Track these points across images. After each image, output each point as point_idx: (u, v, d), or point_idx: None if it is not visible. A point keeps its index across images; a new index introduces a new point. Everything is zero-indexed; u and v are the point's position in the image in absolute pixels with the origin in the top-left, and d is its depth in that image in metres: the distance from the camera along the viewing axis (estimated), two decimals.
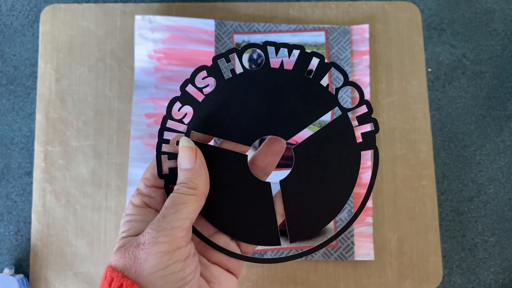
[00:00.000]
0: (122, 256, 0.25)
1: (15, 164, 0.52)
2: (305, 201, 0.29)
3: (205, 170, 0.27)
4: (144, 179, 0.29)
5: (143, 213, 0.27)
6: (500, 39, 0.56)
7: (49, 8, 0.54)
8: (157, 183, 0.29)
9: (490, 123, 0.54)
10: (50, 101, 0.52)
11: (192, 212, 0.26)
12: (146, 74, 0.52)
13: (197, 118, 0.28)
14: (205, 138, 0.30)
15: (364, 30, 0.53)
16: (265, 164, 0.31)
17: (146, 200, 0.28)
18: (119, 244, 0.27)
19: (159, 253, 0.25)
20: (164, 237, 0.25)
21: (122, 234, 0.27)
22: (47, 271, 0.49)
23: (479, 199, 0.53)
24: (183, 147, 0.27)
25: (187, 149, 0.27)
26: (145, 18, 0.52)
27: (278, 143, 0.31)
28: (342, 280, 0.49)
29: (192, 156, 0.27)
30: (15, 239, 0.51)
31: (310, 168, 0.28)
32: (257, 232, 0.29)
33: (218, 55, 0.28)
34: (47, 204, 0.50)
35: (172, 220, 0.25)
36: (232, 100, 0.28)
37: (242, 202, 0.29)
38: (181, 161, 0.27)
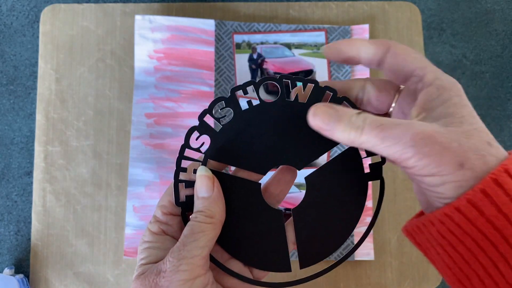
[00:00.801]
0: (143, 283, 0.26)
1: (15, 164, 0.52)
2: (315, 229, 0.30)
3: (222, 199, 0.28)
4: (162, 207, 0.29)
5: (161, 240, 0.28)
6: (500, 39, 0.56)
7: (49, 8, 0.54)
8: (174, 211, 0.29)
9: (490, 123, 0.54)
10: (50, 101, 0.52)
11: (210, 240, 0.27)
12: (146, 74, 0.52)
13: (214, 147, 0.29)
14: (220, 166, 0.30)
15: (364, 30, 0.53)
16: (277, 191, 0.32)
17: (164, 228, 0.29)
18: (138, 271, 0.27)
19: (181, 281, 0.25)
20: (185, 265, 0.25)
21: (141, 261, 0.27)
22: (47, 271, 0.49)
23: None
24: (201, 176, 0.28)
25: (205, 178, 0.28)
26: (145, 18, 0.52)
27: (291, 172, 0.32)
28: (342, 280, 0.49)
29: (209, 185, 0.27)
30: (15, 239, 0.51)
31: (321, 197, 0.29)
32: (269, 259, 0.30)
33: (235, 87, 0.29)
34: (47, 204, 0.50)
35: (192, 249, 0.26)
36: (248, 130, 0.29)
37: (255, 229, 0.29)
38: (199, 189, 0.28)
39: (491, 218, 0.22)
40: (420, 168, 0.22)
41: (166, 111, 0.51)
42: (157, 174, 0.50)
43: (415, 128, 0.22)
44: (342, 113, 0.24)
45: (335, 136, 0.25)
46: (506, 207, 0.21)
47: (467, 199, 0.22)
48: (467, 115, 0.23)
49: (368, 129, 0.23)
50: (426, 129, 0.22)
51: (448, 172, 0.22)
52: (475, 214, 0.22)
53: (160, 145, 0.51)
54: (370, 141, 0.23)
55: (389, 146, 0.23)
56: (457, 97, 0.24)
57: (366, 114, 0.24)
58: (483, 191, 0.21)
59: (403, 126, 0.23)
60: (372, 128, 0.23)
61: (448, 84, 0.24)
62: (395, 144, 0.22)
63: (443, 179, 0.22)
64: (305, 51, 0.53)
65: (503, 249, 0.22)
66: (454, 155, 0.22)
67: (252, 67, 0.52)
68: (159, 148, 0.51)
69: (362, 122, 0.24)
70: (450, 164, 0.22)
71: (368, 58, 0.27)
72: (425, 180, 0.23)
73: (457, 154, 0.22)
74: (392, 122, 0.23)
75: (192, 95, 0.52)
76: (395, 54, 0.25)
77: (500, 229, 0.22)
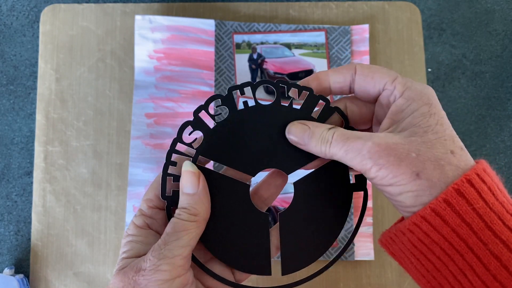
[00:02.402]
0: (122, 280, 0.25)
1: (15, 164, 0.52)
2: (300, 236, 0.30)
3: (207, 196, 0.27)
4: (147, 200, 0.29)
5: (144, 234, 0.27)
6: (500, 39, 0.56)
7: (49, 8, 0.54)
8: (160, 205, 0.29)
9: (490, 123, 0.54)
10: (50, 101, 0.52)
11: (192, 239, 0.26)
12: (146, 74, 0.52)
13: (207, 143, 0.29)
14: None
15: (364, 30, 0.53)
16: (267, 195, 0.32)
17: (148, 222, 0.28)
18: (119, 265, 0.27)
19: (159, 281, 0.25)
20: (165, 265, 0.25)
21: (123, 255, 0.27)
22: (47, 271, 0.49)
23: None
24: (186, 171, 0.27)
25: (190, 174, 0.27)
26: (145, 18, 0.52)
27: (281, 177, 0.32)
28: (342, 280, 0.49)
29: (195, 182, 0.27)
30: (15, 239, 0.51)
31: (308, 204, 0.30)
32: (251, 261, 0.30)
33: (233, 86, 0.29)
34: (47, 204, 0.50)
35: (174, 248, 0.25)
36: (241, 130, 0.29)
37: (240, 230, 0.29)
38: (184, 185, 0.27)
39: (455, 228, 0.22)
40: (380, 178, 0.24)
41: (166, 111, 0.51)
42: (157, 174, 0.50)
43: (372, 140, 0.24)
44: (314, 129, 0.26)
45: (310, 150, 0.27)
46: (469, 216, 0.22)
47: (431, 208, 0.23)
48: (433, 125, 0.24)
49: (334, 143, 0.25)
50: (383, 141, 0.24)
51: (405, 182, 0.23)
52: (440, 223, 0.23)
53: (160, 145, 0.51)
54: (337, 153, 0.25)
55: (352, 158, 0.24)
56: (426, 106, 0.24)
57: (336, 128, 0.26)
58: (446, 201, 0.22)
59: (362, 139, 0.24)
60: (338, 142, 0.25)
61: (417, 94, 0.25)
62: (356, 156, 0.24)
63: (401, 188, 0.23)
64: (305, 51, 0.53)
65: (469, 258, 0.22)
66: (411, 166, 0.23)
67: (252, 67, 0.52)
68: (159, 148, 0.51)
69: (330, 137, 0.25)
70: (406, 174, 0.23)
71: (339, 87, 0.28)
72: (386, 189, 0.24)
73: (413, 164, 0.23)
74: (356, 135, 0.25)
75: (192, 95, 0.52)
76: (362, 75, 0.27)
77: (465, 238, 0.22)
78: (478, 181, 0.22)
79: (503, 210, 0.23)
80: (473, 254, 0.22)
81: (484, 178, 0.23)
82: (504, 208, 0.23)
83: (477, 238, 0.22)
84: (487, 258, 0.22)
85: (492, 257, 0.22)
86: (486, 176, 0.23)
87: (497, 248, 0.22)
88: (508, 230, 0.22)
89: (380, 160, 0.23)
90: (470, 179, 0.22)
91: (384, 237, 0.27)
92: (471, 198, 0.22)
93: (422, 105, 0.24)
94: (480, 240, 0.22)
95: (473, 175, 0.23)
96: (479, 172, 0.23)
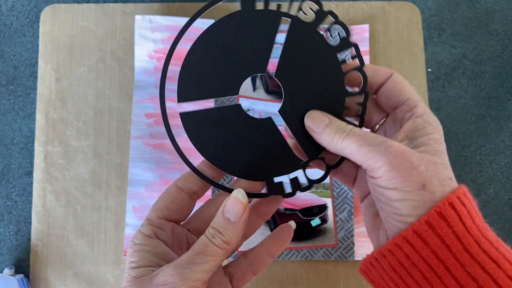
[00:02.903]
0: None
1: (15, 164, 0.52)
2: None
3: (243, 231, 0.27)
4: (156, 210, 0.29)
5: (152, 244, 0.27)
6: (500, 39, 0.56)
7: (49, 8, 0.54)
8: (168, 216, 0.29)
9: (490, 123, 0.54)
10: (50, 101, 0.52)
11: (216, 266, 0.26)
12: (146, 74, 0.52)
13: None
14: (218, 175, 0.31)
15: (364, 30, 0.53)
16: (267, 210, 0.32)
17: (156, 231, 0.28)
18: (132, 274, 0.26)
19: None
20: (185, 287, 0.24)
21: (132, 264, 0.27)
22: (47, 271, 0.49)
23: (479, 199, 0.53)
24: (236, 198, 0.27)
25: (239, 203, 0.27)
26: (145, 18, 0.52)
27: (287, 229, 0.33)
28: (342, 280, 0.49)
29: (240, 211, 0.27)
30: (15, 239, 0.51)
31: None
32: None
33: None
34: (47, 204, 0.50)
35: (198, 271, 0.25)
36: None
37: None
38: (227, 209, 0.27)
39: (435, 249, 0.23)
40: (386, 179, 0.24)
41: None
42: (157, 174, 0.50)
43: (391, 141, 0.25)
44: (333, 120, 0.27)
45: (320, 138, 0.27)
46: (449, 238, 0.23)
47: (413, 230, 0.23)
48: (440, 152, 0.25)
49: (351, 134, 0.26)
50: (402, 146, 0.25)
51: (410, 189, 0.24)
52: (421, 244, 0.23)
53: (160, 145, 0.51)
54: (350, 146, 0.26)
55: (365, 152, 0.25)
56: (438, 134, 0.26)
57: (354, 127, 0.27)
58: (427, 223, 0.23)
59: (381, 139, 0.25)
60: (355, 135, 0.26)
61: (433, 121, 0.26)
62: (371, 151, 0.25)
63: (404, 195, 0.24)
64: None
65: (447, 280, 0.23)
66: (420, 176, 0.24)
67: None
68: (159, 148, 0.51)
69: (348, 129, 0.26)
70: (414, 182, 0.24)
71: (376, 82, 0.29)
72: (387, 193, 0.24)
73: (422, 175, 0.24)
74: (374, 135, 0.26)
75: None
76: (396, 81, 0.28)
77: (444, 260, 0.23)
78: (459, 204, 0.23)
79: (479, 233, 0.24)
80: (451, 275, 0.23)
81: (464, 201, 0.24)
82: (480, 231, 0.24)
83: (455, 260, 0.23)
84: (465, 280, 0.23)
85: (470, 279, 0.23)
86: (466, 200, 0.24)
87: (474, 270, 0.23)
88: (483, 252, 0.23)
89: (394, 160, 0.24)
90: (452, 202, 0.23)
91: (364, 263, 0.28)
92: (452, 221, 0.23)
93: (436, 131, 0.26)
94: (458, 262, 0.23)
95: (454, 198, 0.23)
96: (460, 196, 0.24)
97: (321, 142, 0.28)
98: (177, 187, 0.30)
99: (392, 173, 0.24)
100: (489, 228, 0.25)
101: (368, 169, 0.25)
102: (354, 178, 0.31)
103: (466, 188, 0.25)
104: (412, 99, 0.27)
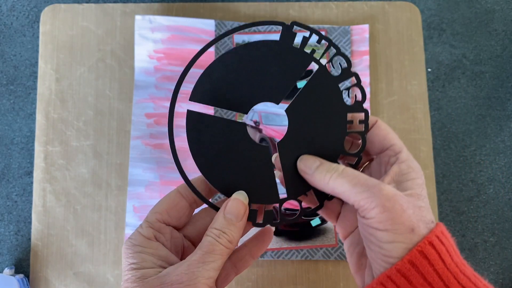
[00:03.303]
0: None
1: (16, 164, 0.52)
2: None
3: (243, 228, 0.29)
4: (156, 214, 0.30)
5: (154, 246, 0.28)
6: (500, 39, 0.56)
7: (49, 8, 0.54)
8: (168, 220, 0.30)
9: (490, 123, 0.54)
10: (50, 101, 0.52)
11: (223, 263, 0.27)
12: (146, 74, 0.52)
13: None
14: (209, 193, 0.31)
15: (364, 30, 0.53)
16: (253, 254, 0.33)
17: (156, 234, 0.29)
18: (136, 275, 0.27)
19: None
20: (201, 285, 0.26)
21: (134, 266, 0.27)
22: (47, 271, 0.49)
23: (479, 199, 0.53)
24: (237, 199, 0.29)
25: (241, 204, 0.28)
26: (145, 18, 0.52)
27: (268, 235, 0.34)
28: (342, 280, 0.49)
29: (241, 212, 0.28)
30: (15, 239, 0.51)
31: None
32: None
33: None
34: (47, 204, 0.50)
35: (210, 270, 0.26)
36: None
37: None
38: (229, 209, 0.28)
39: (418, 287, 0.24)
40: (378, 221, 0.25)
41: (166, 111, 0.51)
42: (157, 174, 0.50)
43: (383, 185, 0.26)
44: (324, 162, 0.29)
45: (313, 178, 0.28)
46: (430, 276, 0.24)
47: (397, 269, 0.24)
48: (423, 196, 0.27)
49: (344, 174, 0.27)
50: (393, 190, 0.26)
51: (401, 232, 0.25)
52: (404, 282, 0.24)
53: (160, 145, 0.51)
54: (343, 184, 0.26)
55: (358, 192, 0.26)
56: (420, 179, 0.28)
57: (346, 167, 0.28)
58: (410, 262, 0.24)
59: (374, 181, 0.26)
60: (348, 174, 0.27)
61: (416, 167, 0.28)
62: (364, 192, 0.25)
63: (395, 237, 0.25)
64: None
65: None
66: (409, 220, 0.25)
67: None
68: (159, 148, 0.51)
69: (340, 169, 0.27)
70: (404, 226, 0.25)
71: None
72: (378, 234, 0.25)
73: (410, 219, 0.25)
74: (367, 177, 0.27)
75: None
76: (380, 128, 0.30)
77: None
78: (438, 243, 0.25)
79: (458, 269, 0.25)
80: None
81: (443, 240, 0.25)
82: (458, 268, 0.25)
83: None
84: None
85: None
86: (444, 238, 0.25)
87: None
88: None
89: (387, 203, 0.25)
90: (432, 241, 0.25)
91: None
92: (432, 259, 0.24)
93: (419, 177, 0.28)
94: None
95: (433, 237, 0.25)
96: (438, 235, 0.25)
97: (313, 182, 0.29)
98: (178, 193, 0.31)
99: (385, 215, 0.25)
100: (467, 264, 0.26)
101: (360, 209, 0.26)
102: (337, 215, 0.32)
103: (444, 226, 0.26)
104: (396, 144, 0.29)
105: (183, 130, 0.31)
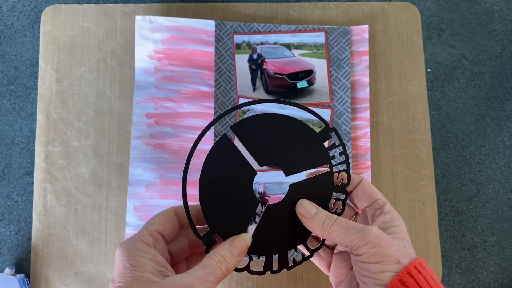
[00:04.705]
0: None
1: (16, 164, 0.52)
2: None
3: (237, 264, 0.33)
4: (154, 225, 0.33)
5: (153, 252, 0.31)
6: (499, 40, 0.56)
7: (50, 8, 0.54)
8: (164, 234, 0.33)
9: (489, 123, 0.55)
10: (50, 101, 0.52)
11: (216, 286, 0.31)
12: (147, 74, 0.52)
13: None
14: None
15: (364, 30, 0.54)
16: None
17: (154, 243, 0.32)
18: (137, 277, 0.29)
19: None
20: None
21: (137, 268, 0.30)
22: (48, 270, 0.49)
23: (479, 199, 0.53)
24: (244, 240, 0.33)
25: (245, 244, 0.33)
26: (145, 18, 0.53)
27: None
28: None
29: (244, 251, 0.33)
30: (16, 239, 0.51)
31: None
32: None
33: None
34: (47, 204, 0.50)
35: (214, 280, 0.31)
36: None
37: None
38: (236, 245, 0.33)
39: None
40: (369, 255, 0.30)
41: (166, 111, 0.52)
42: (157, 174, 0.51)
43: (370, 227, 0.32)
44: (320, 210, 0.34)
45: (310, 223, 0.33)
46: None
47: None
48: (406, 239, 0.33)
49: (338, 221, 0.33)
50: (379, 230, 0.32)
51: (389, 263, 0.30)
52: None
53: (160, 145, 0.51)
54: (338, 230, 0.32)
55: (351, 234, 0.31)
56: (403, 226, 0.34)
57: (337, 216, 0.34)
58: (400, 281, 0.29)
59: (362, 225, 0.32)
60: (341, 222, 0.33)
61: (398, 216, 0.34)
62: (356, 233, 0.31)
63: (384, 267, 0.30)
64: (305, 52, 0.53)
65: None
66: (395, 253, 0.31)
67: (252, 67, 0.53)
68: (159, 148, 0.51)
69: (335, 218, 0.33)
70: (392, 257, 0.30)
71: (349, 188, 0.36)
72: (370, 267, 0.30)
73: (397, 253, 0.31)
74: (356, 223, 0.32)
75: (192, 95, 0.52)
76: (365, 185, 0.36)
77: None
78: (416, 273, 0.30)
79: None
80: None
81: (421, 270, 0.30)
82: None
83: None
84: None
85: None
86: (422, 269, 0.30)
87: None
88: None
89: (376, 240, 0.30)
90: (410, 271, 0.30)
91: None
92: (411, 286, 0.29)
93: (402, 224, 0.34)
94: None
95: (412, 268, 0.30)
96: (416, 266, 0.30)
97: (310, 226, 0.34)
98: (174, 213, 0.35)
99: (375, 250, 0.30)
100: None
101: (353, 248, 0.31)
102: (329, 264, 0.37)
103: (424, 260, 0.31)
104: (380, 199, 0.35)
105: (184, 131, 0.31)
